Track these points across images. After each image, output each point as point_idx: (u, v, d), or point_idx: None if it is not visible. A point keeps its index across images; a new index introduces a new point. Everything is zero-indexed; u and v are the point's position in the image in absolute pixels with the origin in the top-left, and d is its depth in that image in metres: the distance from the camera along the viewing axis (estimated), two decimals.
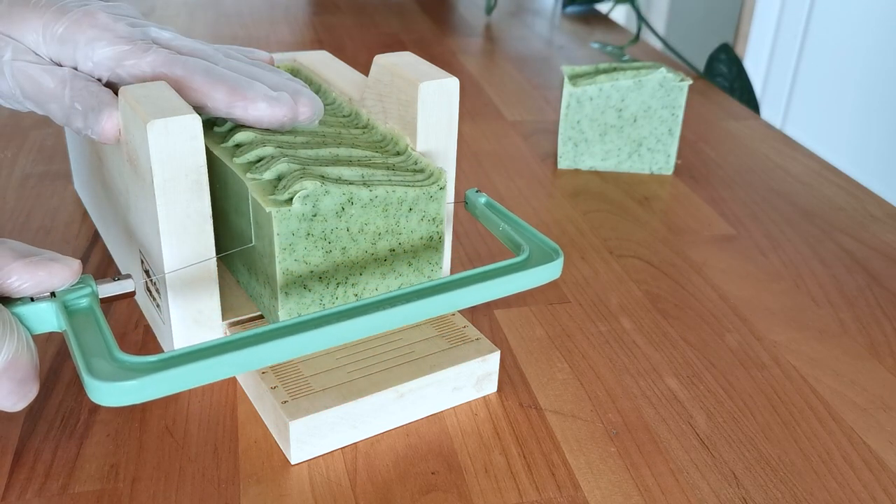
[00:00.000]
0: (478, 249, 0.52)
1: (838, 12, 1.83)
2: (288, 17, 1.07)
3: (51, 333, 0.42)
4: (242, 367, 0.30)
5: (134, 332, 0.43)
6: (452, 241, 0.51)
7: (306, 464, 0.35)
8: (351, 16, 1.09)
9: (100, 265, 0.49)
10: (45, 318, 0.32)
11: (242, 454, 0.35)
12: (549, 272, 0.36)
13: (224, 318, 0.39)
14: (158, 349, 0.41)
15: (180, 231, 0.36)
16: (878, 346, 0.45)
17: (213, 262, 0.37)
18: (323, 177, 0.36)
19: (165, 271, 0.37)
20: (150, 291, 0.41)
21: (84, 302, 0.32)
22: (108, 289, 0.34)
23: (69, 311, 0.32)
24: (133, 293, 0.35)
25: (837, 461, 0.36)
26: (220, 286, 0.39)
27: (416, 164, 0.40)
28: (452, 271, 0.48)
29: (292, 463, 0.35)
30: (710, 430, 0.38)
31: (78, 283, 0.33)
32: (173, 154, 0.34)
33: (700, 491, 0.34)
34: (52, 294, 0.32)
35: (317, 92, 0.47)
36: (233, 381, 0.39)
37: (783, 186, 0.64)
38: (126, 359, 0.29)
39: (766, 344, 0.44)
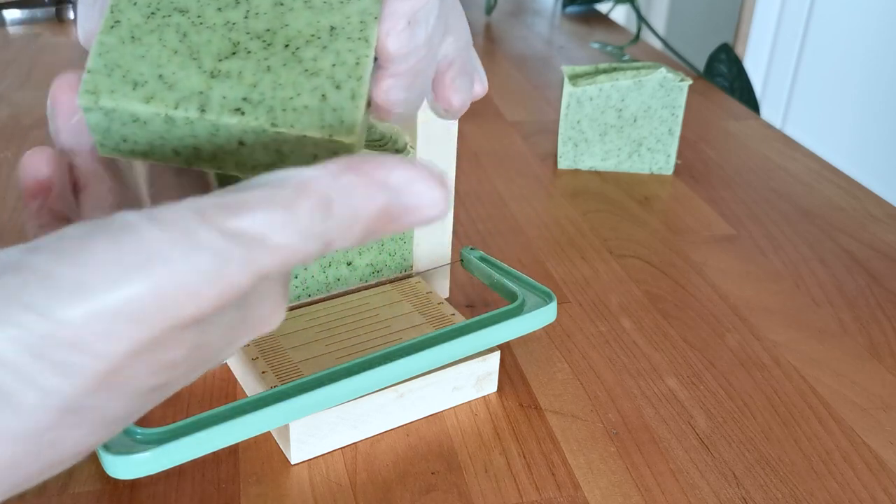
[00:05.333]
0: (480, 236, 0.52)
1: (838, 12, 1.83)
2: None
3: None
4: (253, 430, 0.31)
5: None
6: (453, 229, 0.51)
7: (306, 464, 0.35)
8: None
9: None
10: None
11: (242, 454, 0.35)
12: (544, 316, 0.38)
13: None
14: None
15: None
16: (878, 346, 0.45)
17: None
18: None
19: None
20: None
21: None
22: None
23: None
24: None
25: (837, 461, 0.36)
26: None
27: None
28: (453, 258, 0.48)
29: (292, 463, 0.35)
30: (710, 430, 0.38)
31: None
32: None
33: (700, 491, 0.34)
34: None
35: None
36: (233, 381, 0.39)
37: (783, 186, 0.64)
38: (139, 431, 0.30)
39: (766, 344, 0.44)
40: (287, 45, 0.26)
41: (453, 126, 0.41)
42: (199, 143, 0.26)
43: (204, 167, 0.27)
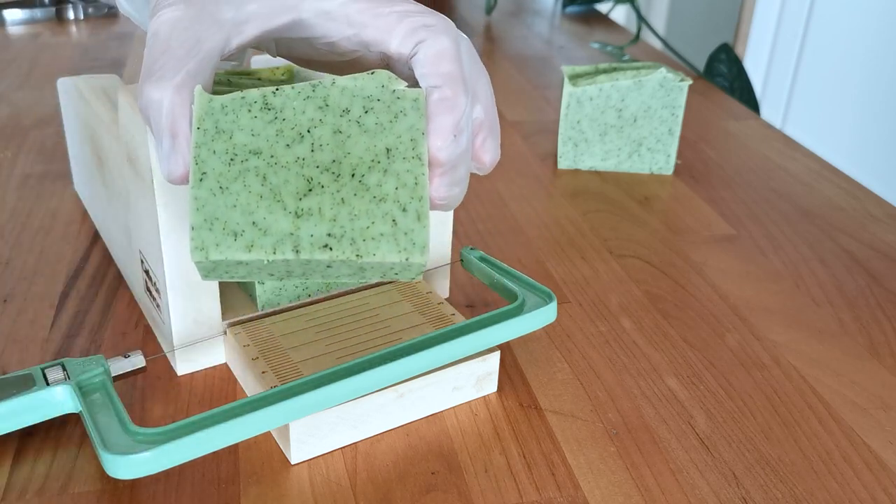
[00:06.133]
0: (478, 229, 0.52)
1: (838, 12, 1.83)
2: None
3: (47, 336, 0.42)
4: (253, 430, 0.31)
5: (134, 331, 0.43)
6: (453, 222, 0.51)
7: (306, 464, 0.35)
8: None
9: (100, 265, 0.49)
10: (62, 400, 0.33)
11: (242, 454, 0.35)
12: (544, 316, 0.38)
13: (224, 317, 0.40)
14: (158, 349, 0.41)
15: (180, 231, 0.36)
16: (878, 346, 0.45)
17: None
18: None
19: (174, 336, 0.38)
20: (150, 291, 0.41)
21: (97, 380, 0.34)
22: (120, 366, 0.36)
23: (84, 392, 0.33)
24: (144, 369, 0.36)
25: (837, 461, 0.36)
26: (220, 286, 0.39)
27: None
28: (453, 253, 0.48)
29: (292, 463, 0.35)
30: (710, 430, 0.38)
31: (90, 362, 0.34)
32: None
33: (700, 491, 0.34)
34: (67, 376, 0.34)
35: None
36: (232, 381, 0.39)
37: (783, 186, 0.64)
38: (140, 431, 0.30)
39: (766, 344, 0.44)
40: (353, 174, 0.29)
41: None
42: (292, 269, 0.30)
43: (294, 281, 0.33)
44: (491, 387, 0.39)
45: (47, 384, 0.33)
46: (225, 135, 0.29)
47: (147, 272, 0.40)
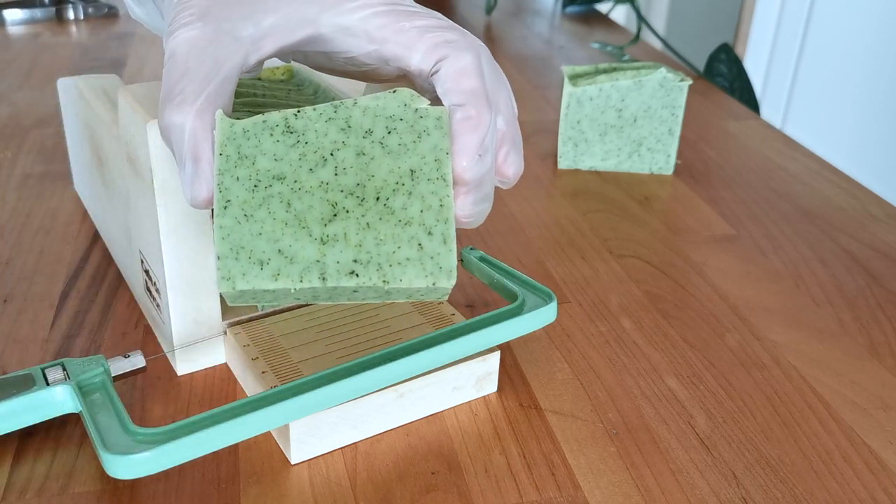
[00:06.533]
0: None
1: (838, 12, 1.83)
2: None
3: (47, 336, 0.42)
4: (253, 430, 0.31)
5: (134, 331, 0.43)
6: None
7: (306, 464, 0.35)
8: None
9: (100, 265, 0.49)
10: (62, 400, 0.33)
11: (242, 454, 0.35)
12: (544, 316, 0.38)
13: (224, 317, 0.40)
14: (158, 349, 0.41)
15: (180, 231, 0.36)
16: (878, 346, 0.45)
17: (213, 263, 0.37)
18: None
19: (174, 336, 0.38)
20: (150, 291, 0.41)
21: (97, 380, 0.34)
22: (120, 366, 0.36)
23: (84, 392, 0.33)
24: (144, 369, 0.36)
25: (837, 461, 0.36)
26: None
27: None
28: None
29: (292, 463, 0.35)
30: (710, 430, 0.38)
31: (90, 362, 0.34)
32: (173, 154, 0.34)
33: (700, 491, 0.34)
34: (67, 376, 0.34)
35: (314, 92, 0.47)
36: (232, 380, 0.39)
37: (783, 186, 0.64)
38: (140, 431, 0.30)
39: (766, 344, 0.44)
40: (378, 198, 0.29)
41: None
42: (318, 294, 0.29)
43: (320, 303, 0.32)
44: (491, 387, 0.39)
45: (47, 384, 0.33)
46: (248, 160, 0.28)
47: (147, 272, 0.40)
